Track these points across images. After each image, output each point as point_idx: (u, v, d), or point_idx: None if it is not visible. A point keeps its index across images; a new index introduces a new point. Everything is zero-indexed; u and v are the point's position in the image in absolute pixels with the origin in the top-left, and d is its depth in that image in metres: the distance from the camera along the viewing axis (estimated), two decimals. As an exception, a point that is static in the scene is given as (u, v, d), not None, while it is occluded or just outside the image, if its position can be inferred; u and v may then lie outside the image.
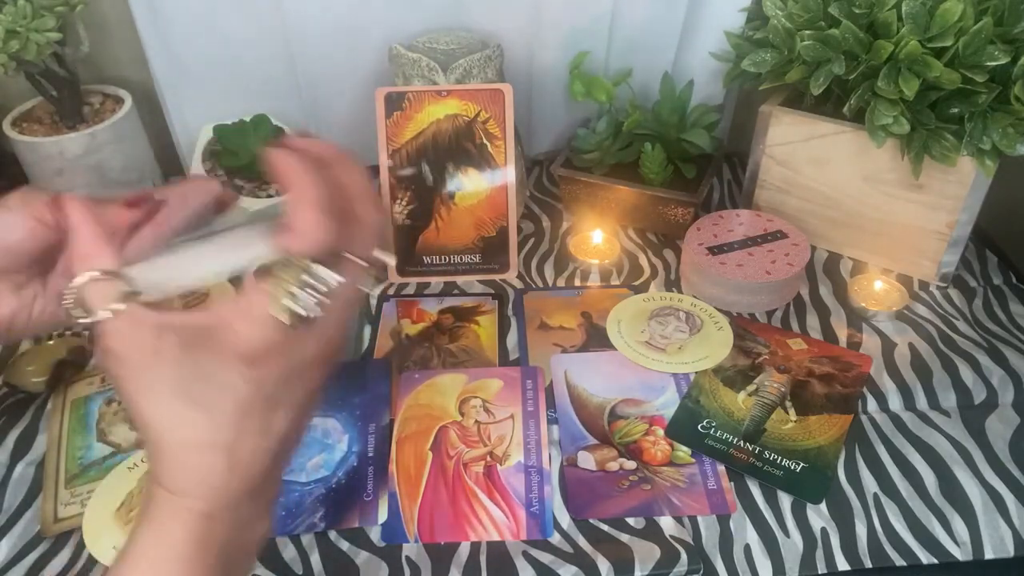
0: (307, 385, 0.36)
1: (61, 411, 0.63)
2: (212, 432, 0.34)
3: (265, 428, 0.35)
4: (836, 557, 0.53)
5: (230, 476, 0.35)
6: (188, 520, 0.34)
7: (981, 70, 0.62)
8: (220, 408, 0.34)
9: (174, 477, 0.35)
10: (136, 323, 0.33)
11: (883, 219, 0.75)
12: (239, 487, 0.35)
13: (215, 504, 0.35)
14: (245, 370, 0.33)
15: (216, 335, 0.33)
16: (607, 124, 0.82)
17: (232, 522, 0.36)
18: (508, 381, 0.65)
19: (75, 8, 0.74)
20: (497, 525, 0.55)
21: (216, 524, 0.35)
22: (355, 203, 0.36)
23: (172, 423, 0.34)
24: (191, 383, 0.33)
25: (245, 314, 0.33)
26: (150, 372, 0.33)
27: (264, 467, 0.36)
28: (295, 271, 0.33)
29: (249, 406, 0.34)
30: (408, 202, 0.76)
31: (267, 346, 0.33)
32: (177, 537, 0.34)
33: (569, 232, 0.85)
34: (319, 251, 0.33)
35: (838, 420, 0.61)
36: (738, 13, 0.81)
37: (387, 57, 0.79)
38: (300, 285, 0.33)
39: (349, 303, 0.36)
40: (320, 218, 0.33)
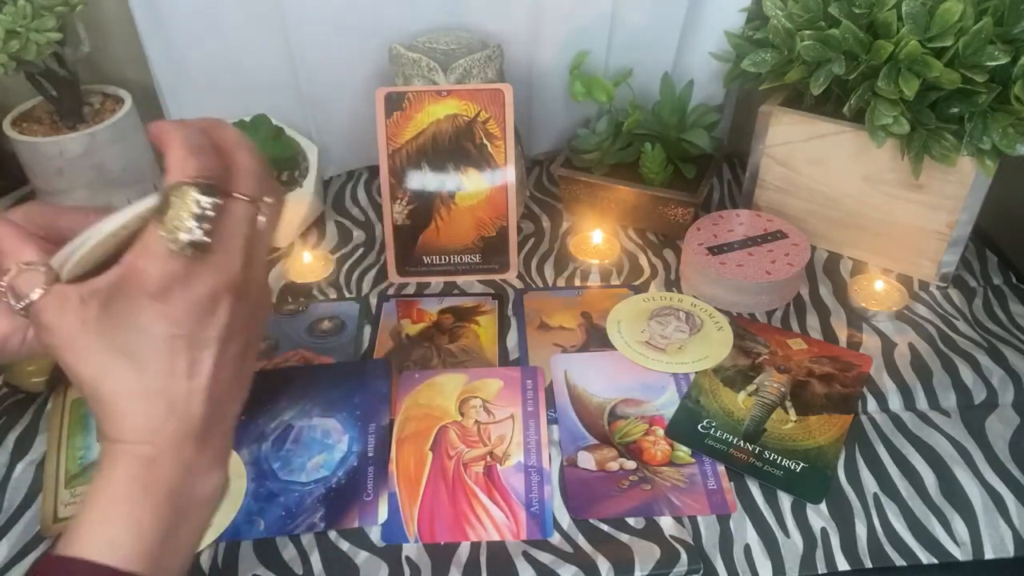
0: (221, 319, 0.39)
1: (61, 411, 0.63)
2: (141, 378, 0.38)
3: (191, 368, 0.38)
4: (836, 557, 0.53)
5: (168, 419, 0.38)
6: (131, 463, 0.37)
7: (981, 70, 0.62)
8: (146, 357, 0.37)
9: (114, 426, 0.38)
10: (61, 298, 0.38)
11: (883, 219, 0.75)
12: (177, 429, 0.38)
13: (156, 448, 0.38)
14: (156, 306, 0.37)
15: (127, 282, 0.37)
16: (607, 124, 0.82)
17: (176, 466, 0.38)
18: (508, 381, 0.65)
19: (75, 8, 0.74)
20: (497, 525, 0.55)
21: (159, 467, 0.38)
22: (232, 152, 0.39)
23: (105, 377, 0.38)
24: (115, 336, 0.37)
25: (144, 252, 0.36)
26: (80, 338, 0.37)
27: (201, 410, 0.39)
28: (176, 201, 0.36)
29: (170, 345, 0.38)
30: (408, 202, 0.76)
31: (169, 277, 0.36)
32: (122, 480, 0.37)
33: (569, 232, 0.85)
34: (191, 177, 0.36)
35: (838, 420, 0.61)
36: (738, 13, 0.81)
37: (387, 57, 0.79)
38: (185, 214, 0.36)
39: (244, 235, 0.39)
40: (185, 152, 0.37)
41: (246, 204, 0.39)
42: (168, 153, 0.38)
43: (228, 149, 0.40)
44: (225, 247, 0.38)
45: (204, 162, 0.37)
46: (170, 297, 0.37)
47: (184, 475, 0.39)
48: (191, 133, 0.38)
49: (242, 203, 0.39)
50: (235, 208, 0.38)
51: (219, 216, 0.37)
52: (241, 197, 0.39)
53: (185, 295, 0.37)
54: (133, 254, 0.37)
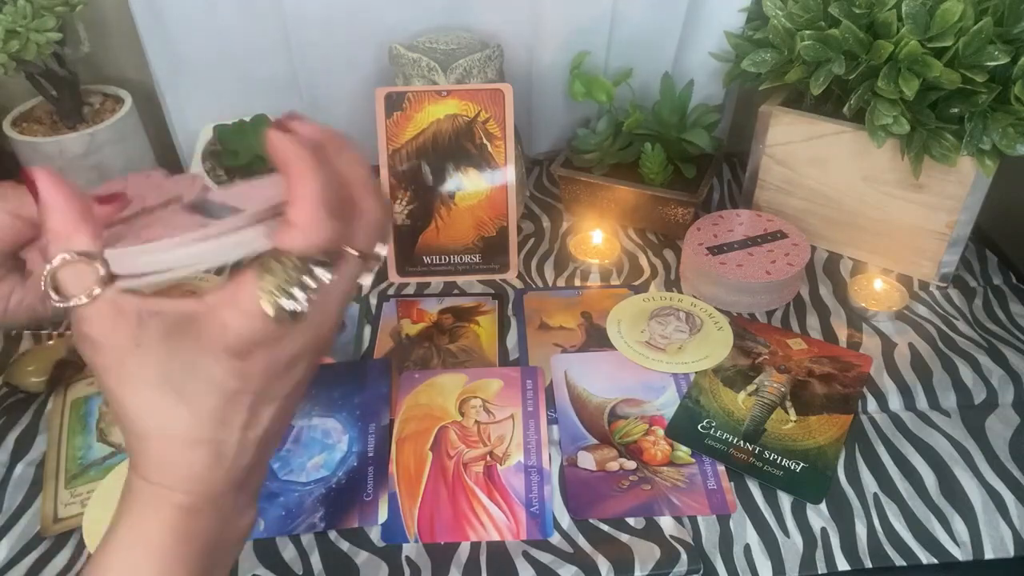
0: (294, 378, 0.35)
1: (61, 411, 0.63)
2: (196, 426, 0.33)
3: (250, 422, 0.34)
4: (836, 557, 0.53)
5: (214, 470, 0.34)
6: (169, 513, 0.34)
7: (981, 70, 0.62)
8: (204, 401, 0.33)
9: (155, 470, 0.34)
10: (116, 310, 0.32)
11: (883, 219, 0.75)
12: (223, 480, 0.34)
13: (198, 498, 0.34)
14: (231, 363, 0.32)
15: (202, 325, 0.32)
16: (607, 124, 0.82)
17: (215, 515, 0.35)
18: (508, 381, 0.65)
19: (75, 8, 0.74)
20: (497, 525, 0.55)
21: (198, 518, 0.34)
22: (356, 195, 0.34)
23: (154, 415, 0.33)
24: (174, 374, 0.32)
25: (234, 305, 0.31)
26: (131, 362, 0.32)
27: (249, 460, 0.35)
28: (290, 267, 0.31)
29: (234, 400, 0.33)
30: (408, 202, 0.76)
31: (254, 339, 0.32)
32: (157, 529, 0.33)
33: (569, 232, 0.85)
34: (318, 250, 0.31)
35: (838, 420, 0.61)
36: (738, 13, 0.81)
37: (387, 57, 0.79)
38: (294, 282, 0.31)
39: (343, 298, 0.34)
40: (321, 215, 0.31)
41: (357, 262, 0.34)
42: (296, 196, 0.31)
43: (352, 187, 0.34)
44: (323, 312, 0.33)
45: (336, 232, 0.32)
46: (248, 358, 0.32)
47: (221, 522, 0.35)
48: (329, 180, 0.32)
49: (353, 261, 0.33)
50: (343, 267, 0.33)
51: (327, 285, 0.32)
52: (353, 253, 0.33)
53: (267, 357, 0.33)
54: (218, 299, 0.32)
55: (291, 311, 0.31)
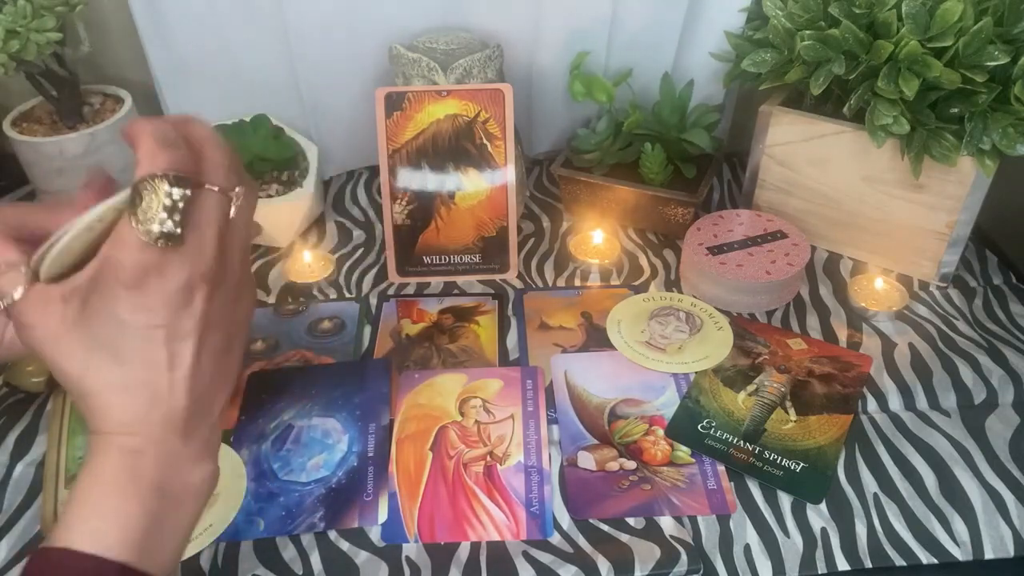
0: (197, 310, 0.39)
1: (61, 411, 0.63)
2: (123, 371, 0.38)
3: (171, 360, 0.39)
4: (836, 557, 0.53)
5: (150, 411, 0.39)
6: (116, 455, 0.38)
7: (981, 70, 0.62)
8: (124, 346, 0.38)
9: (98, 419, 0.39)
10: (43, 298, 0.38)
11: (883, 219, 0.75)
12: (161, 420, 0.39)
13: (139, 438, 0.39)
14: (133, 297, 0.37)
15: (103, 275, 0.37)
16: (607, 124, 0.82)
17: (161, 457, 0.39)
18: (508, 381, 0.65)
19: (75, 8, 0.74)
20: (497, 525, 0.55)
21: (144, 458, 0.39)
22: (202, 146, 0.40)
23: (88, 371, 0.38)
24: (96, 331, 0.38)
25: (119, 243, 0.37)
26: (64, 335, 0.38)
27: (183, 400, 0.40)
28: (148, 192, 0.37)
29: (148, 336, 0.38)
30: (408, 202, 0.76)
31: (143, 267, 0.37)
32: (108, 471, 0.38)
33: (569, 232, 0.85)
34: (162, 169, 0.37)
35: (838, 420, 0.61)
36: (738, 13, 0.81)
37: (387, 57, 0.79)
38: (156, 205, 0.37)
39: (216, 226, 0.39)
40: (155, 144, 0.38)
41: (217, 196, 0.39)
42: (138, 147, 0.38)
43: (198, 143, 0.40)
44: (197, 238, 0.39)
45: (174, 155, 0.38)
46: (145, 287, 0.37)
47: (170, 466, 0.39)
48: (161, 128, 0.39)
49: (213, 195, 0.39)
50: (206, 200, 0.39)
51: (190, 207, 0.38)
52: (212, 188, 0.39)
53: (160, 285, 0.38)
54: (108, 246, 0.38)
55: (161, 232, 0.37)
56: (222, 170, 0.40)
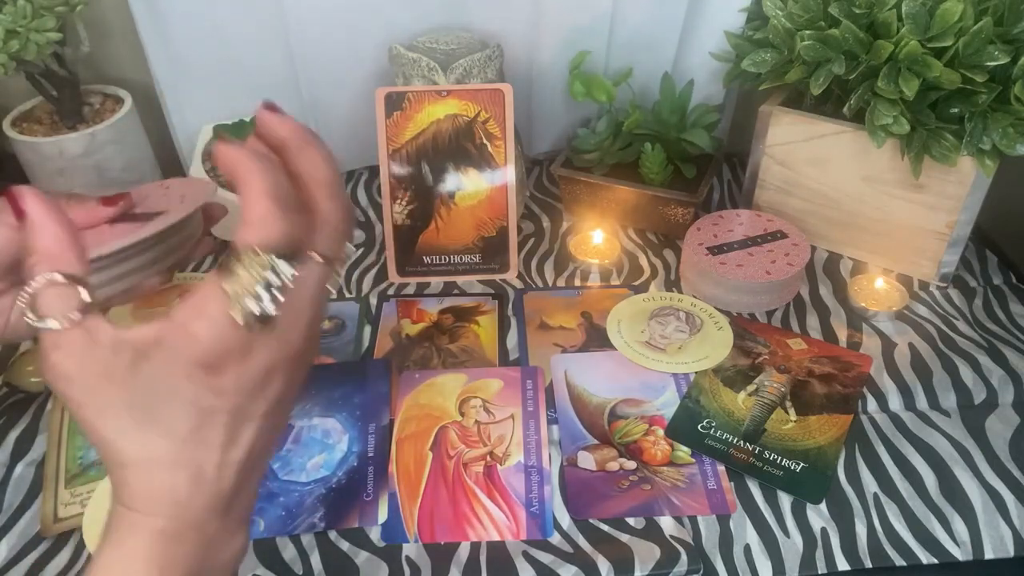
0: (272, 393, 0.34)
1: (61, 411, 0.63)
2: (173, 450, 0.32)
3: (229, 441, 0.33)
4: (836, 557, 0.53)
5: (195, 495, 0.33)
6: (150, 540, 0.33)
7: (981, 70, 0.62)
8: (179, 423, 0.32)
9: (135, 496, 0.33)
10: (90, 339, 0.31)
11: (883, 219, 0.75)
12: (205, 505, 0.34)
13: (179, 523, 0.33)
14: (203, 378, 0.31)
15: (171, 342, 0.31)
16: (607, 124, 0.82)
17: (199, 541, 0.34)
18: (508, 381, 0.65)
19: (75, 8, 0.74)
20: (497, 525, 0.55)
21: (180, 544, 0.33)
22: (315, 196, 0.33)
23: (130, 443, 0.32)
24: (147, 400, 0.32)
25: (200, 315, 0.31)
26: (103, 393, 0.31)
27: (232, 483, 0.34)
28: (251, 266, 0.30)
29: (210, 419, 0.32)
30: (408, 202, 0.76)
31: (224, 348, 0.31)
32: (139, 557, 0.32)
33: (569, 232, 0.85)
34: (275, 242, 0.31)
35: (838, 420, 0.61)
36: (738, 13, 0.81)
37: (387, 57, 0.79)
38: (257, 281, 0.30)
39: (313, 303, 0.33)
40: (273, 210, 0.31)
41: (322, 266, 0.33)
42: (246, 197, 0.31)
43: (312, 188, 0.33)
44: (293, 319, 0.33)
45: (292, 224, 0.31)
46: (221, 370, 0.32)
47: (206, 548, 0.34)
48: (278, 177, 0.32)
49: (318, 266, 0.33)
50: (310, 273, 0.33)
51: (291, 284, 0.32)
52: (318, 259, 0.33)
53: (239, 368, 0.32)
54: (186, 312, 0.31)
55: (259, 313, 0.31)
56: (336, 234, 0.34)
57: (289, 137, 0.33)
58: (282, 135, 0.33)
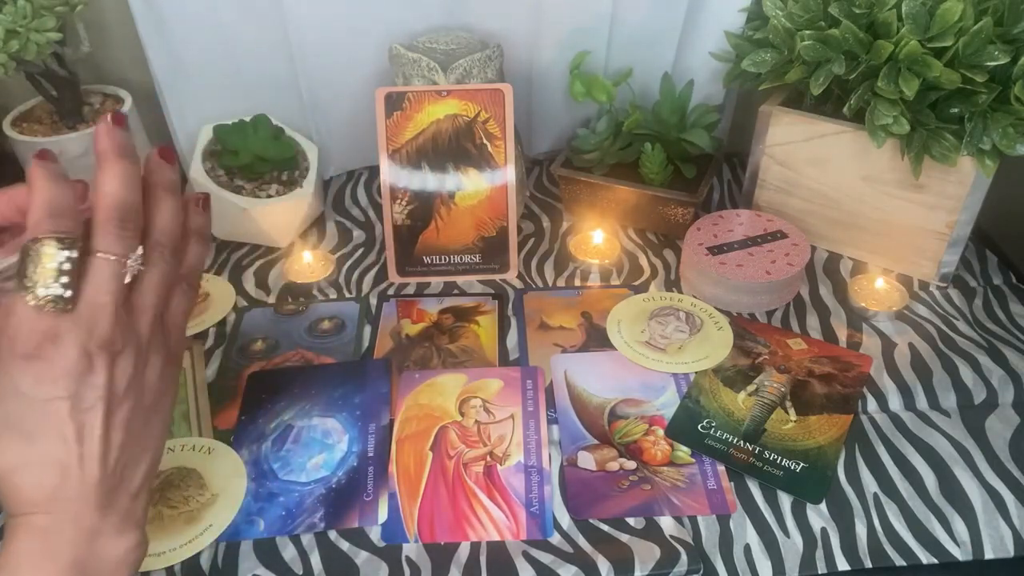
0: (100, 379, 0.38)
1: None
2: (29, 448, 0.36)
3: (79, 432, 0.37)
4: (836, 557, 0.53)
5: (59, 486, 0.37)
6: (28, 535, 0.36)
7: (981, 70, 0.62)
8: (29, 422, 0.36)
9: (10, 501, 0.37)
10: None
11: (883, 219, 0.75)
12: (74, 497, 0.37)
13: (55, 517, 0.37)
14: (30, 367, 0.36)
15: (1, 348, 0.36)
16: (607, 124, 0.82)
17: (79, 533, 0.37)
18: (508, 381, 0.65)
19: (75, 8, 0.74)
20: (497, 525, 0.55)
21: (59, 536, 0.37)
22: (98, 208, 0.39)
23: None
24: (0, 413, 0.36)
25: (10, 313, 0.36)
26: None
27: (97, 474, 0.38)
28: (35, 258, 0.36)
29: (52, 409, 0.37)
30: (408, 202, 0.76)
31: (36, 337, 0.36)
32: (23, 554, 0.36)
33: (569, 232, 0.85)
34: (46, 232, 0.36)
35: (838, 420, 0.61)
36: (738, 13, 0.81)
37: (387, 57, 0.79)
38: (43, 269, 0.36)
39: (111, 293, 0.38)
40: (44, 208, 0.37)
41: (111, 262, 0.38)
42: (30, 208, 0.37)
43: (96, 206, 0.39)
44: (90, 304, 0.37)
45: (59, 222, 0.37)
46: (42, 356, 0.36)
47: (88, 542, 0.38)
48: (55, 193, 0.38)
49: (107, 261, 0.38)
50: (99, 266, 0.38)
51: (82, 273, 0.37)
52: (104, 256, 0.38)
53: (57, 354, 0.36)
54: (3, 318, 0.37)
55: (52, 295, 0.36)
56: (113, 236, 0.39)
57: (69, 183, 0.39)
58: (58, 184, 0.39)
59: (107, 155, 0.39)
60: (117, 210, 0.39)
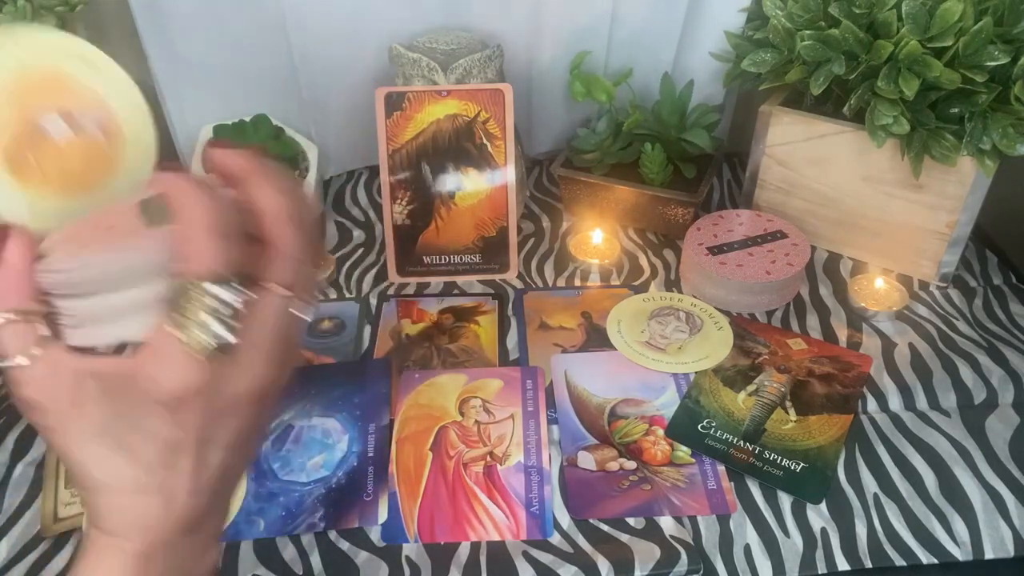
0: (237, 423, 0.34)
1: (61, 411, 0.63)
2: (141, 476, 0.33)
3: (198, 467, 0.33)
4: (836, 557, 0.53)
5: (165, 517, 0.34)
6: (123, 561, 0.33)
7: (981, 70, 0.62)
8: (147, 452, 0.32)
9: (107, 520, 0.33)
10: (53, 371, 0.32)
11: (883, 219, 0.75)
12: (175, 527, 0.34)
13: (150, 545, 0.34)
14: (166, 415, 0.32)
15: (135, 383, 0.31)
16: (607, 124, 0.82)
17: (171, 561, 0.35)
18: (508, 381, 0.65)
19: (75, 8, 0.74)
20: (497, 525, 0.55)
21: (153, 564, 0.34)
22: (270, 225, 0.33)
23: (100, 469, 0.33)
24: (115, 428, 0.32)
25: (157, 357, 0.31)
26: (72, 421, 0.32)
27: (201, 505, 0.34)
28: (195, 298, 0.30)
29: (177, 448, 0.33)
30: (408, 202, 0.76)
31: (186, 387, 0.31)
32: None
33: (569, 232, 0.85)
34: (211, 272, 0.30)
35: (838, 420, 0.61)
36: (738, 13, 0.81)
37: (387, 57, 0.79)
38: (205, 313, 0.30)
39: (277, 332, 0.33)
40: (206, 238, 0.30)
41: (282, 297, 0.33)
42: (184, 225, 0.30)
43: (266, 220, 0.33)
44: (253, 348, 0.32)
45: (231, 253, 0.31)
46: (185, 407, 0.32)
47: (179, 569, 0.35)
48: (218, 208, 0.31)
49: (274, 295, 0.32)
50: (267, 303, 0.32)
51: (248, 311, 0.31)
52: (278, 289, 0.32)
53: (202, 403, 0.32)
54: (144, 356, 0.31)
55: (214, 344, 0.30)
56: (293, 264, 0.33)
57: (238, 170, 0.33)
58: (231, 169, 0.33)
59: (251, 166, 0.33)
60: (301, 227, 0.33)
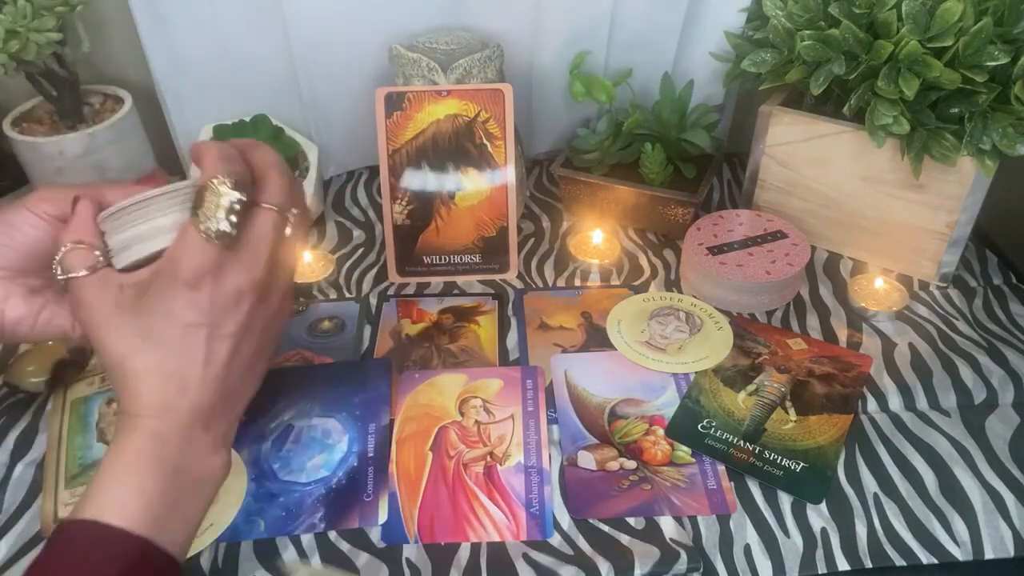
0: (241, 316, 0.43)
1: (61, 411, 0.63)
2: (162, 360, 0.42)
3: (208, 356, 0.43)
4: (836, 557, 0.53)
5: (178, 398, 0.42)
6: (143, 436, 0.41)
7: (981, 70, 0.62)
8: (168, 337, 0.42)
9: (132, 401, 0.42)
10: (103, 281, 0.43)
11: (883, 219, 0.75)
12: (188, 412, 0.43)
13: (166, 424, 0.42)
14: (187, 293, 0.41)
15: (165, 272, 0.42)
16: (607, 124, 0.82)
17: (182, 445, 0.42)
18: (508, 381, 0.65)
19: (75, 8, 0.74)
20: (497, 526, 0.55)
21: (167, 444, 0.42)
22: (265, 169, 0.45)
23: (130, 354, 0.42)
24: (145, 319, 0.42)
25: (183, 242, 0.42)
26: (115, 318, 0.42)
27: (211, 395, 0.43)
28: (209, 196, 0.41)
29: (192, 332, 0.42)
30: (408, 202, 0.76)
31: (202, 266, 0.41)
32: (133, 451, 0.41)
33: (569, 232, 0.85)
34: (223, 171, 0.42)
35: (838, 420, 0.61)
36: (738, 13, 0.81)
37: (387, 57, 0.79)
38: (214, 206, 0.41)
39: (270, 242, 0.44)
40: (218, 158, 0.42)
41: (274, 214, 0.44)
42: (203, 162, 0.43)
43: (263, 167, 0.45)
44: (252, 248, 0.43)
45: (233, 166, 0.43)
46: (200, 286, 0.41)
47: (189, 453, 0.43)
48: (224, 147, 0.44)
49: (271, 213, 0.44)
50: (264, 216, 0.44)
51: (248, 220, 0.43)
52: (270, 207, 0.44)
53: (214, 287, 0.42)
54: (174, 245, 0.42)
55: (218, 231, 0.41)
56: (282, 191, 0.45)
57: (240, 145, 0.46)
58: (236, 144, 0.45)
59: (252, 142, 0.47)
60: (287, 173, 0.45)
